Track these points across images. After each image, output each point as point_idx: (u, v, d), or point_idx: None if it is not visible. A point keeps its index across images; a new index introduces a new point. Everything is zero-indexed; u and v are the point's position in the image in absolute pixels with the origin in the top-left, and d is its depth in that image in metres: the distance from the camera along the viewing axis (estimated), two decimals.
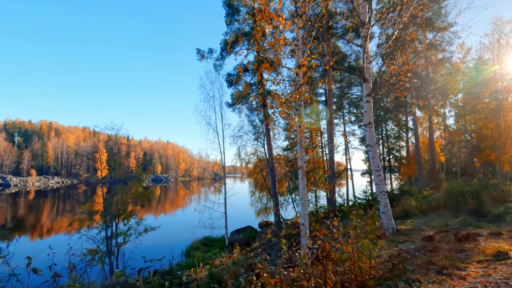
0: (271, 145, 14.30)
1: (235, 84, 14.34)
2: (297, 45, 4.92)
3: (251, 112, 16.96)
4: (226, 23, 13.71)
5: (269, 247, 11.89)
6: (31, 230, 24.98)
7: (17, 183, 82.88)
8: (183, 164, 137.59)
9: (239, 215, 25.67)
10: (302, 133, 4.62)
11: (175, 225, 25.64)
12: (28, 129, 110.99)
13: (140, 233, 12.82)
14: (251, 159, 23.99)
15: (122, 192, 13.36)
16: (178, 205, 44.49)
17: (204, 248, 16.92)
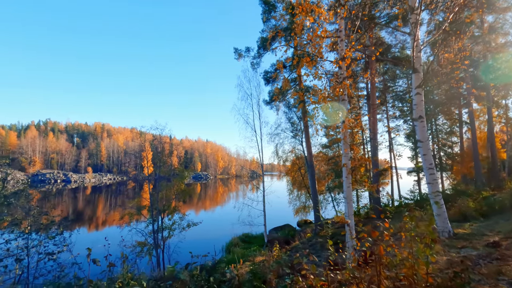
0: (310, 142, 13.97)
1: (273, 81, 14.26)
2: (339, 36, 4.68)
3: (289, 109, 16.75)
4: (262, 20, 13.68)
5: (309, 247, 11.65)
6: (88, 222, 27.59)
7: (77, 180, 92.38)
8: (222, 162, 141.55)
9: (278, 213, 25.60)
10: (346, 129, 4.38)
11: (215, 221, 26.42)
12: (84, 130, 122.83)
13: (183, 228, 13.40)
14: (289, 157, 23.73)
15: (166, 188, 14.09)
16: (218, 202, 45.81)
17: (244, 245, 17.18)
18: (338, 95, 4.35)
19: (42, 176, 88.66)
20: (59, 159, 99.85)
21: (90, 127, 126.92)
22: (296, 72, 11.69)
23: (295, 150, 21.83)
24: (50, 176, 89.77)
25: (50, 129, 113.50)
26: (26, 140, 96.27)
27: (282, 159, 23.51)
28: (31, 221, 8.58)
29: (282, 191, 25.86)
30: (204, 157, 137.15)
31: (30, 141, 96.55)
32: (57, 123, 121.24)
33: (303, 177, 21.99)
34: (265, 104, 15.69)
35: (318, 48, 4.78)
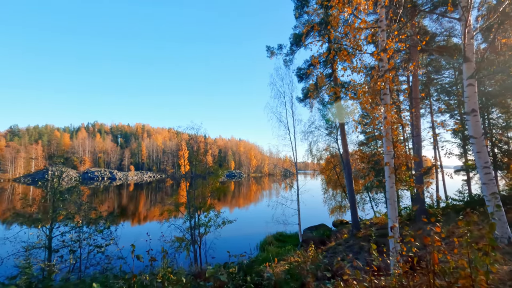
0: (346, 140, 13.45)
1: (306, 78, 13.95)
2: (380, 26, 4.39)
3: (324, 106, 16.27)
4: (295, 16, 13.43)
5: (346, 248, 11.24)
6: (132, 217, 29.45)
7: (121, 177, 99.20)
8: (255, 161, 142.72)
9: (312, 213, 25.12)
10: (388, 125, 4.10)
11: (249, 219, 26.67)
12: (127, 131, 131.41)
13: (219, 225, 13.70)
14: (323, 155, 23.15)
15: (202, 186, 14.50)
16: (251, 200, 46.24)
17: (278, 243, 17.12)
18: (379, 90, 4.08)
19: (91, 173, 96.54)
20: (105, 158, 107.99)
21: (132, 128, 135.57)
22: (332, 67, 11.28)
23: (329, 148, 21.23)
24: (98, 173, 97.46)
25: (97, 131, 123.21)
26: (77, 141, 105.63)
27: (316, 157, 23.01)
28: (82, 215, 9.34)
29: (316, 190, 25.32)
30: (237, 156, 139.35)
31: (81, 141, 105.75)
32: (103, 125, 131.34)
33: (338, 176, 21.31)
34: (298, 102, 15.45)
35: (356, 41, 4.53)
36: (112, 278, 3.51)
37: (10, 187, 65.08)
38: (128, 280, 2.91)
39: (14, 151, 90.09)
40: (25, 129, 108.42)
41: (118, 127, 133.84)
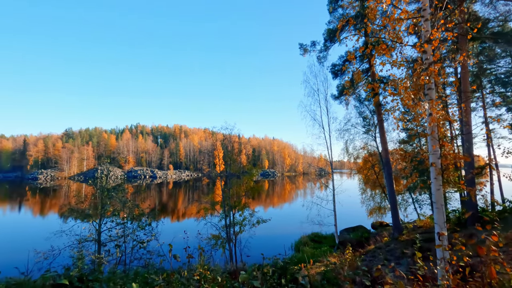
0: (385, 138, 12.72)
1: (341, 74, 13.45)
2: (423, 16, 4.05)
3: (361, 103, 15.57)
4: (329, 11, 13.01)
5: (387, 252, 10.65)
6: (171, 213, 30.92)
7: (161, 176, 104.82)
8: (288, 160, 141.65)
9: (349, 214, 24.26)
10: (434, 122, 3.77)
11: (283, 218, 26.54)
12: (166, 132, 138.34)
13: (253, 224, 13.80)
14: (360, 154, 22.22)
15: (236, 185, 14.73)
16: (285, 199, 45.96)
17: (313, 244, 16.80)
18: (423, 84, 3.77)
19: (135, 172, 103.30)
20: (147, 157, 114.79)
21: (171, 128, 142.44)
22: (370, 62, 10.71)
23: (367, 146, 20.31)
24: (140, 172, 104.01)
25: (139, 132, 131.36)
26: (122, 142, 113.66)
27: (352, 156, 22.16)
28: (127, 212, 10.01)
29: (353, 190, 24.39)
30: (271, 155, 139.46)
31: (125, 142, 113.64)
32: (145, 126, 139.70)
33: (377, 176, 20.29)
34: (333, 99, 14.97)
35: (396, 33, 4.24)
36: (153, 274, 3.69)
37: (66, 184, 72.05)
38: (167, 277, 3.03)
39: (69, 151, 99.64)
40: (77, 132, 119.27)
41: (158, 128, 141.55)
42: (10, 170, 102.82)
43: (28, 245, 11.01)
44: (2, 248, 15.52)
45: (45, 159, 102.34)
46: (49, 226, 19.52)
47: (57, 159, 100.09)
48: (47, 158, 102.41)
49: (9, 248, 15.78)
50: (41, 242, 9.87)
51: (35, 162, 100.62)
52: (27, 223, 25.29)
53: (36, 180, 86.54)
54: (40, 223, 25.13)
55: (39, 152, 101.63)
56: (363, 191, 23.80)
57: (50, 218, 27.09)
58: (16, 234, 20.17)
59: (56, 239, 9.37)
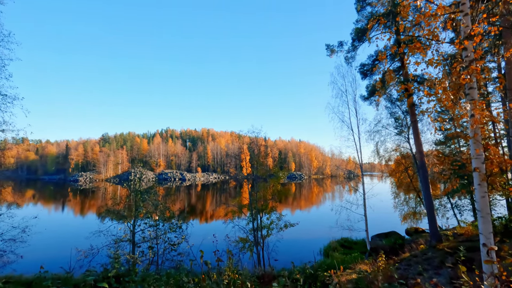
0: (419, 139, 12.02)
1: (371, 74, 12.97)
2: (462, 10, 3.79)
3: (392, 103, 14.88)
4: (356, 10, 12.63)
5: (424, 261, 10.02)
6: (200, 215, 31.62)
7: (190, 178, 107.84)
8: (316, 162, 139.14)
9: (381, 218, 23.26)
10: (477, 124, 3.49)
11: (311, 222, 26.05)
12: (194, 136, 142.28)
13: (281, 228, 13.69)
14: (392, 156, 21.21)
15: (263, 189, 14.71)
16: (313, 202, 45.12)
17: (343, 250, 16.29)
18: (463, 84, 3.51)
19: (165, 175, 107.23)
20: (176, 160, 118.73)
21: (198, 132, 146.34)
22: (402, 60, 10.18)
23: (399, 148, 19.33)
24: (170, 175, 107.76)
25: (169, 136, 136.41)
26: (153, 146, 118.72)
27: (384, 159, 21.22)
28: (158, 214, 10.40)
29: (385, 194, 23.35)
30: (297, 157, 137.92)
31: (156, 146, 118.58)
32: (174, 131, 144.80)
33: (411, 179, 19.25)
34: (362, 100, 14.46)
35: (431, 30, 4.01)
36: (184, 276, 3.79)
37: (103, 186, 76.55)
38: (199, 281, 3.09)
39: (105, 155, 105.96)
40: (113, 137, 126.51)
41: (187, 132, 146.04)
42: (55, 173, 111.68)
43: (70, 243, 11.82)
44: (48, 246, 16.80)
45: (85, 162, 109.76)
46: (88, 225, 20.85)
47: (95, 162, 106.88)
48: (86, 161, 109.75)
49: (54, 245, 17.06)
50: (82, 241, 10.55)
51: (76, 165, 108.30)
52: (69, 222, 27.23)
53: (76, 182, 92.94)
54: (81, 222, 26.92)
55: (79, 156, 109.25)
56: (396, 195, 22.70)
57: (89, 218, 28.93)
58: (60, 233, 21.76)
59: (95, 239, 9.96)
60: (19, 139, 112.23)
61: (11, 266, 9.05)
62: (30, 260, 10.93)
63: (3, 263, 8.50)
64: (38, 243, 11.39)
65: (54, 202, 44.35)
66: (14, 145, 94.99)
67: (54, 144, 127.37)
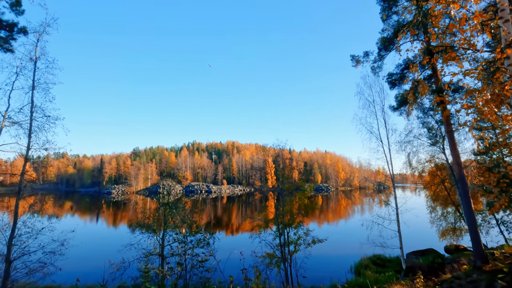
0: (457, 151, 11.21)
1: (399, 84, 12.50)
2: (502, 17, 3.55)
3: (424, 113, 14.17)
4: (382, 19, 12.36)
5: (468, 284, 9.13)
6: (225, 228, 31.63)
7: (216, 190, 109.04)
8: (343, 173, 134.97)
9: (416, 234, 21.88)
10: None
11: (340, 238, 25.05)
12: (219, 149, 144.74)
13: (309, 243, 13.27)
14: (426, 168, 20.03)
15: (289, 203, 14.43)
16: (341, 216, 43.53)
17: (376, 268, 15.41)
18: (508, 95, 3.24)
19: (192, 187, 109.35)
20: (202, 173, 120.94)
21: (224, 145, 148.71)
22: (433, 68, 9.68)
23: (434, 159, 18.23)
24: (197, 187, 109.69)
25: (195, 149, 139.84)
26: (181, 159, 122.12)
27: (417, 170, 20.08)
28: (186, 228, 10.53)
29: (420, 208, 21.96)
30: (323, 168, 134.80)
31: (183, 159, 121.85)
32: (200, 144, 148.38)
33: (448, 192, 17.97)
34: (391, 110, 13.92)
35: (467, 38, 3.79)
36: None
37: (134, 199, 79.58)
38: None
39: (136, 168, 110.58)
40: (143, 150, 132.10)
41: (212, 145, 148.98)
42: (90, 185, 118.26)
43: (104, 255, 12.28)
44: (84, 258, 17.60)
45: (117, 175, 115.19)
46: (120, 237, 21.61)
47: (126, 175, 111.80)
48: (119, 174, 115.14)
49: (89, 258, 17.84)
50: (114, 253, 10.91)
51: (109, 178, 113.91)
52: (103, 234, 28.45)
53: (110, 194, 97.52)
54: (113, 234, 28.01)
55: (112, 169, 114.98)
56: (432, 209, 21.26)
57: (121, 230, 30.05)
58: (95, 245, 22.75)
59: (126, 252, 10.25)
60: (60, 153, 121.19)
61: (50, 277, 9.58)
62: (68, 271, 11.46)
63: (44, 275, 8.99)
64: (75, 256, 11.98)
65: (90, 214, 46.72)
66: (55, 160, 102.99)
67: (90, 159, 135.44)
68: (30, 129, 9.55)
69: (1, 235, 8.82)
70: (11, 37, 8.68)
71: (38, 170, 12.68)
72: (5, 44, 8.66)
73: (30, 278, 9.13)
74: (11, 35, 8.65)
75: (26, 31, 8.98)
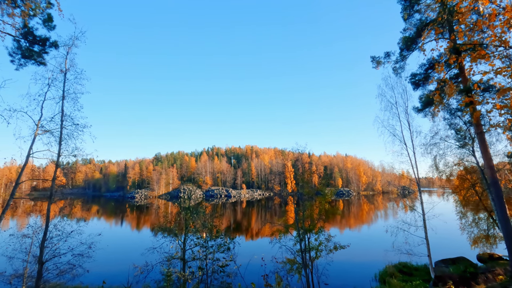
0: (488, 153, 10.57)
1: (424, 84, 12.01)
2: None
3: (451, 113, 13.49)
4: (403, 18, 11.99)
5: None
6: (245, 233, 31.59)
7: (235, 195, 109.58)
8: (364, 177, 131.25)
9: (445, 241, 20.80)
10: None
11: (363, 244, 24.27)
12: (238, 153, 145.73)
13: (330, 249, 12.96)
14: (454, 171, 19.02)
15: (309, 208, 14.20)
16: (363, 221, 42.22)
17: (402, 276, 14.74)
18: None
19: (212, 191, 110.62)
20: (222, 177, 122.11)
21: (242, 149, 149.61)
22: (461, 67, 9.21)
23: (463, 162, 17.28)
24: (217, 191, 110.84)
25: (215, 154, 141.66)
26: (201, 164, 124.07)
27: (444, 174, 19.11)
28: (207, 233, 10.64)
29: (448, 213, 20.88)
30: (344, 172, 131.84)
31: (203, 164, 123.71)
32: (219, 148, 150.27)
33: (480, 197, 16.94)
34: (415, 112, 13.39)
35: (498, 35, 3.59)
36: None
37: (156, 203, 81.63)
38: None
39: (158, 173, 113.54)
40: (164, 156, 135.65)
41: (231, 150, 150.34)
42: (115, 190, 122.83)
43: (128, 258, 12.63)
44: (110, 261, 18.20)
45: (140, 180, 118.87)
46: (143, 240, 22.15)
47: (149, 180, 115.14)
48: (142, 179, 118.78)
49: (115, 260, 18.41)
50: (138, 256, 11.21)
51: (133, 183, 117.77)
52: (127, 237, 29.33)
53: (133, 199, 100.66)
54: (137, 237, 28.80)
55: (136, 174, 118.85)
56: (462, 215, 20.12)
57: (144, 233, 30.84)
58: (120, 248, 23.47)
59: (149, 255, 10.50)
60: (87, 159, 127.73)
61: (79, 278, 9.97)
62: (95, 273, 11.91)
63: (73, 276, 9.38)
64: (101, 258, 12.43)
65: (115, 218, 48.39)
66: (83, 166, 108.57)
67: (115, 164, 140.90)
68: (61, 136, 10.08)
69: (34, 237, 9.32)
70: (43, 51, 9.26)
71: (67, 175, 13.39)
72: (39, 58, 9.24)
73: (61, 279, 9.55)
74: (44, 49, 9.22)
75: (57, 44, 9.54)
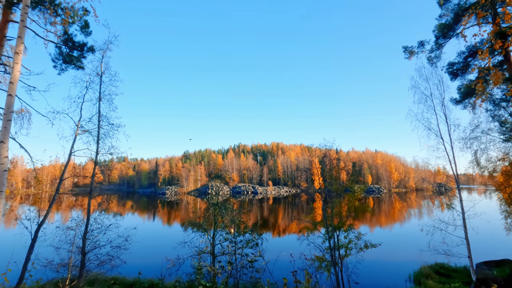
0: None
1: (463, 74, 11.15)
2: None
3: (495, 104, 12.42)
4: (439, 4, 11.17)
5: None
6: (272, 229, 31.67)
7: (262, 192, 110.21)
8: (396, 174, 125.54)
9: (488, 242, 19.38)
10: None
11: (395, 243, 23.32)
12: (264, 150, 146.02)
13: (361, 248, 12.61)
14: (498, 167, 17.56)
15: (338, 205, 13.89)
16: (395, 219, 40.51)
17: (439, 278, 13.96)
18: None
19: (238, 188, 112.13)
20: (248, 174, 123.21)
21: (268, 146, 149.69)
22: (507, 54, 8.43)
23: (508, 157, 15.89)
24: (243, 188, 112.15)
25: (241, 151, 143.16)
26: (227, 161, 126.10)
27: (486, 170, 17.71)
28: (235, 228, 10.82)
29: (491, 212, 19.38)
30: (374, 169, 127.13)
31: (230, 161, 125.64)
32: (246, 146, 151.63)
33: None
34: (453, 104, 12.47)
35: None
36: None
37: (185, 199, 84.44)
38: None
39: (186, 170, 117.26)
40: (193, 153, 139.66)
41: (257, 147, 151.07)
42: (147, 186, 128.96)
43: (161, 251, 13.19)
44: (144, 253, 19.16)
45: (170, 177, 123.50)
46: (175, 235, 23.06)
47: (178, 177, 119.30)
48: (172, 176, 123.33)
49: (149, 253, 19.36)
50: (170, 250, 11.67)
51: (163, 180, 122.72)
52: (160, 231, 30.70)
53: (164, 195, 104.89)
54: (169, 232, 30.04)
55: (166, 171, 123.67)
56: (507, 214, 18.57)
57: (175, 228, 32.07)
58: (153, 241, 24.63)
59: (180, 249, 10.90)
60: (121, 157, 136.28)
61: (117, 269, 10.62)
62: (131, 265, 12.59)
63: (112, 267, 10.02)
64: (136, 251, 13.12)
65: (147, 213, 50.80)
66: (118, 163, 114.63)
67: (146, 162, 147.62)
68: (98, 136, 10.74)
69: (77, 230, 10.05)
70: (82, 56, 9.90)
71: (104, 172, 14.14)
72: (78, 62, 9.90)
73: (101, 269, 10.24)
74: (82, 54, 9.85)
75: (94, 49, 10.14)
